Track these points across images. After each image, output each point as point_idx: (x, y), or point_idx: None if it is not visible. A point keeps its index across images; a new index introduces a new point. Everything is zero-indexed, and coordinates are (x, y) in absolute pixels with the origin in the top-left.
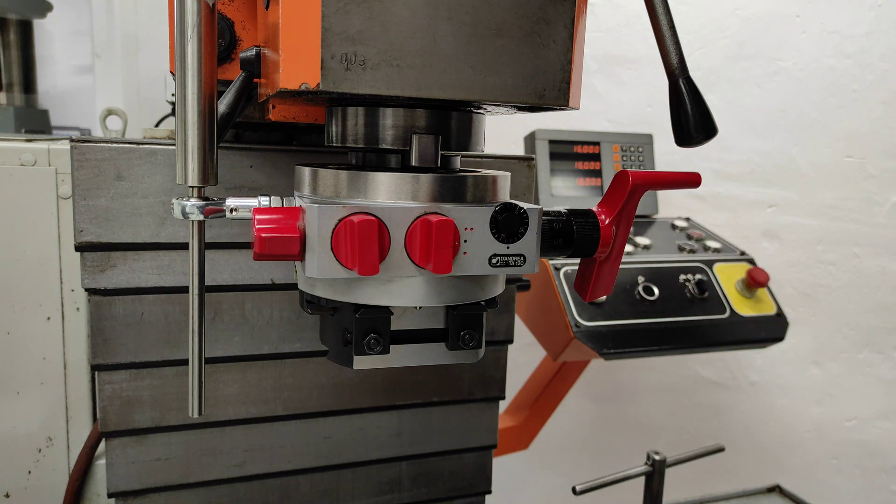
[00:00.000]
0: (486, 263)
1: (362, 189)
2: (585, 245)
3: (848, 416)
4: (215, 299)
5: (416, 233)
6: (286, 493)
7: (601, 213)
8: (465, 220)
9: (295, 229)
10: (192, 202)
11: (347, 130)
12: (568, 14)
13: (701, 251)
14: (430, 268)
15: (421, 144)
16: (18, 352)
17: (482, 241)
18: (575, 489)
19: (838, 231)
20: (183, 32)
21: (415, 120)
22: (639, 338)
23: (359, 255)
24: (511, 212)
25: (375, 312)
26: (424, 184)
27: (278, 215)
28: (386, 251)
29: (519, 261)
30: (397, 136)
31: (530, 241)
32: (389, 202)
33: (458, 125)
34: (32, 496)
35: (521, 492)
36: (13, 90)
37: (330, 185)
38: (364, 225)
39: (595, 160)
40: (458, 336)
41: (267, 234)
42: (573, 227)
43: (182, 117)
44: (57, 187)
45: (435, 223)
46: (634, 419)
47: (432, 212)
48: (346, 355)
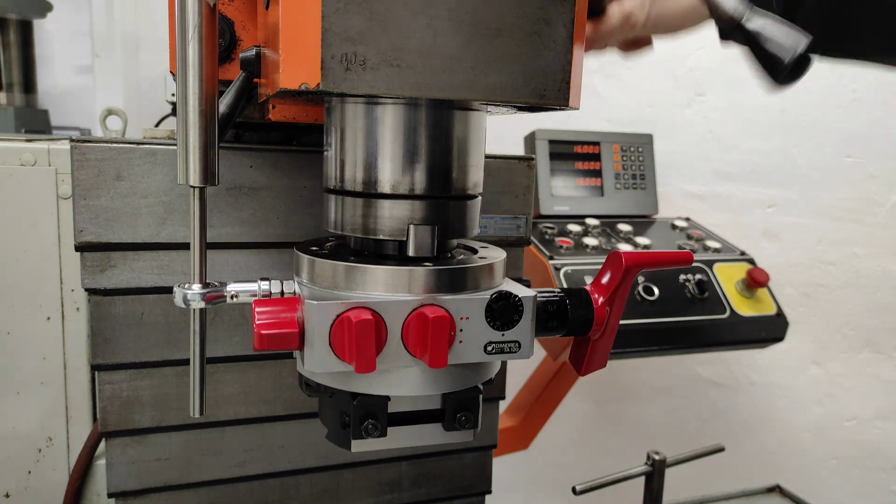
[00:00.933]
0: (482, 351)
1: (359, 281)
2: (580, 326)
3: (848, 416)
4: None
5: (413, 326)
6: (286, 493)
7: (595, 293)
8: (460, 310)
9: (294, 324)
10: (195, 290)
11: (345, 220)
12: (568, 14)
13: (701, 251)
14: (425, 360)
15: (418, 236)
16: (18, 352)
17: (478, 329)
18: (575, 489)
19: (838, 231)
20: (184, 32)
21: (412, 211)
22: (639, 338)
23: (356, 354)
24: (506, 300)
25: (373, 400)
26: (420, 277)
27: (277, 307)
28: (383, 344)
29: (514, 347)
30: (394, 227)
31: (525, 328)
32: (386, 295)
33: (455, 214)
34: (32, 496)
35: (521, 492)
36: (13, 90)
37: (328, 276)
38: (361, 325)
39: (595, 160)
40: (455, 418)
41: (266, 332)
42: (567, 308)
43: (183, 117)
44: (57, 187)
45: (431, 319)
46: (634, 419)
47: (428, 303)
48: (344, 438)
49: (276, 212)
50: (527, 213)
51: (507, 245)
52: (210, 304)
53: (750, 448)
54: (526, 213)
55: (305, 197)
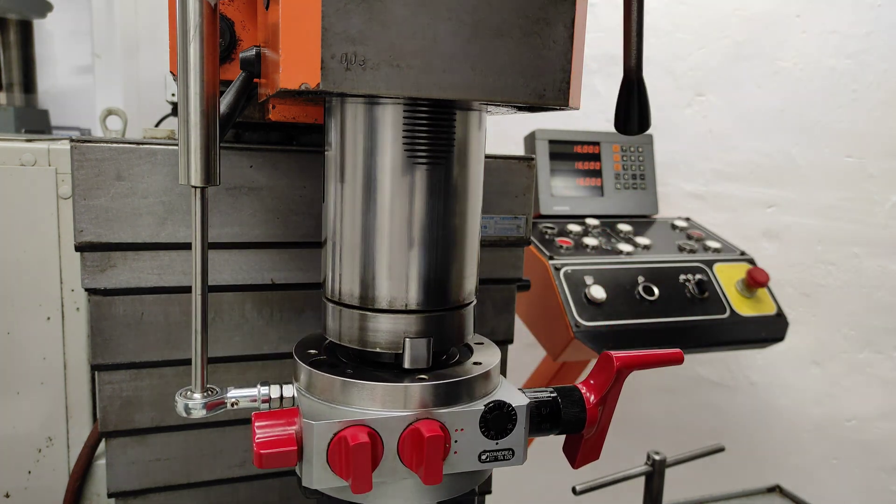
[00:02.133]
0: (476, 460)
1: (356, 397)
2: (572, 426)
3: (848, 416)
4: (216, 299)
5: (408, 442)
6: (286, 492)
7: (587, 392)
8: (455, 423)
9: (292, 441)
10: (196, 399)
11: (343, 330)
12: (568, 14)
13: (701, 251)
14: (420, 475)
15: (413, 349)
16: (18, 352)
17: (472, 439)
18: (575, 489)
19: (838, 231)
20: (185, 32)
21: (408, 325)
22: (639, 338)
23: (353, 475)
24: (500, 410)
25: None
26: (416, 393)
27: (276, 422)
28: (379, 458)
29: (508, 455)
30: (390, 340)
31: (519, 435)
32: (382, 411)
33: (450, 324)
34: (32, 496)
35: (521, 492)
36: (13, 90)
37: (326, 390)
38: (357, 448)
39: (595, 160)
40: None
41: (266, 451)
42: (560, 409)
43: (184, 117)
44: (57, 187)
45: (426, 438)
46: (634, 419)
47: (424, 417)
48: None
49: (276, 212)
50: (527, 213)
51: (507, 245)
52: (210, 412)
53: (750, 448)
54: (526, 213)
55: (305, 197)
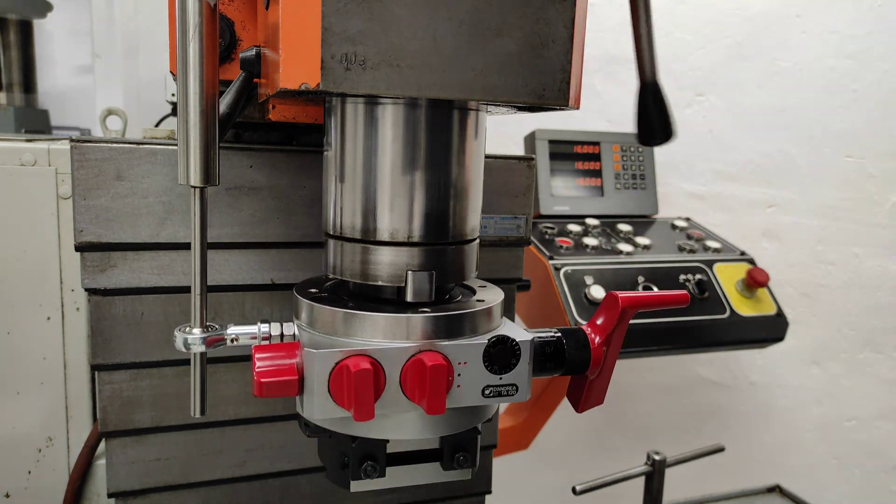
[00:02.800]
0: (479, 395)
1: (358, 328)
2: (577, 366)
3: (848, 416)
4: (215, 299)
5: (411, 373)
6: (286, 492)
7: (591, 333)
8: (458, 356)
9: (293, 371)
10: (195, 334)
11: (345, 265)
12: (568, 14)
13: (701, 251)
14: (423, 406)
15: (416, 282)
16: (18, 352)
17: (475, 373)
18: (575, 489)
19: (838, 231)
20: (185, 32)
21: (410, 258)
22: (639, 338)
23: (355, 402)
24: (503, 345)
25: (372, 442)
26: (418, 324)
27: (277, 353)
28: (381, 390)
29: (511, 390)
30: (393, 273)
31: (522, 371)
32: (385, 343)
33: (453, 259)
34: (32, 496)
35: (521, 492)
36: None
37: (327, 322)
38: (360, 374)
39: (595, 160)
40: (453, 458)
41: (266, 380)
42: (564, 349)
43: (184, 117)
44: (57, 187)
45: (429, 367)
46: (634, 419)
47: (427, 349)
48: (343, 478)
49: (276, 212)
50: (527, 213)
51: (507, 245)
52: (210, 347)
53: (750, 448)
54: (526, 213)
55: (305, 197)
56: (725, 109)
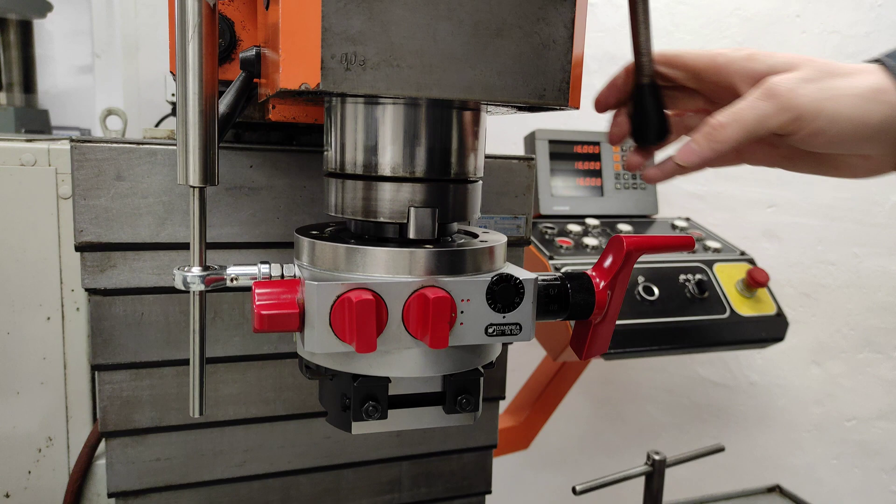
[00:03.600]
0: (483, 333)
1: (360, 263)
2: (581, 309)
3: (848, 416)
4: (215, 299)
5: (413, 307)
6: (286, 492)
7: (596, 277)
8: (461, 292)
9: (294, 305)
10: (194, 272)
11: (346, 202)
12: (568, 14)
13: (701, 251)
14: (426, 341)
15: (418, 218)
16: (18, 352)
17: (478, 311)
18: (575, 489)
19: (838, 231)
20: (184, 32)
21: (412, 194)
22: (639, 338)
23: (357, 333)
24: (507, 282)
25: (373, 381)
26: (421, 259)
27: (278, 289)
28: (383, 325)
29: (515, 329)
30: (394, 209)
31: (526, 310)
32: (387, 277)
33: (456, 197)
34: (32, 496)
35: (521, 492)
36: (13, 90)
37: (328, 259)
38: (362, 304)
39: (595, 160)
40: (456, 400)
41: (266, 312)
42: (568, 292)
43: (183, 117)
44: (57, 187)
45: (432, 300)
46: (634, 419)
47: (429, 285)
48: (344, 420)
49: (276, 212)
50: (527, 213)
51: (507, 245)
52: (210, 286)
53: (750, 448)
54: (526, 213)
55: (305, 197)
56: None
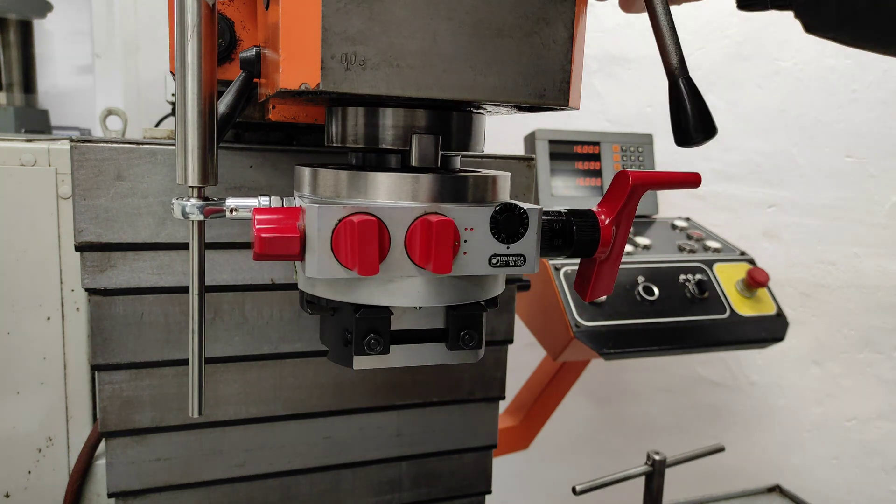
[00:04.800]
0: (486, 263)
1: (362, 189)
2: (585, 245)
3: (848, 416)
4: (215, 299)
5: (416, 233)
6: (286, 492)
7: (601, 213)
8: (464, 220)
9: (295, 229)
10: (192, 202)
11: (347, 130)
12: (568, 14)
13: (701, 251)
14: (429, 268)
15: (421, 144)
16: (18, 352)
17: (482, 241)
18: (575, 489)
19: (838, 231)
20: (183, 32)
21: (415, 120)
22: (639, 338)
23: (359, 256)
24: (511, 212)
25: (375, 312)
26: (424, 184)
27: (278, 215)
28: (386, 251)
29: (519, 261)
30: (397, 136)
31: (530, 241)
32: (389, 202)
33: (459, 125)
34: (32, 496)
35: (521, 492)
36: (13, 90)
37: (330, 185)
38: (364, 225)
39: (595, 160)
40: (458, 336)
41: (267, 234)
42: (573, 227)
43: (182, 117)
44: (57, 187)
45: (435, 223)
46: (634, 419)
47: (432, 212)
48: (346, 355)
49: None
50: None
51: None
52: (209, 217)
53: (750, 448)
54: None
55: None
56: (725, 109)
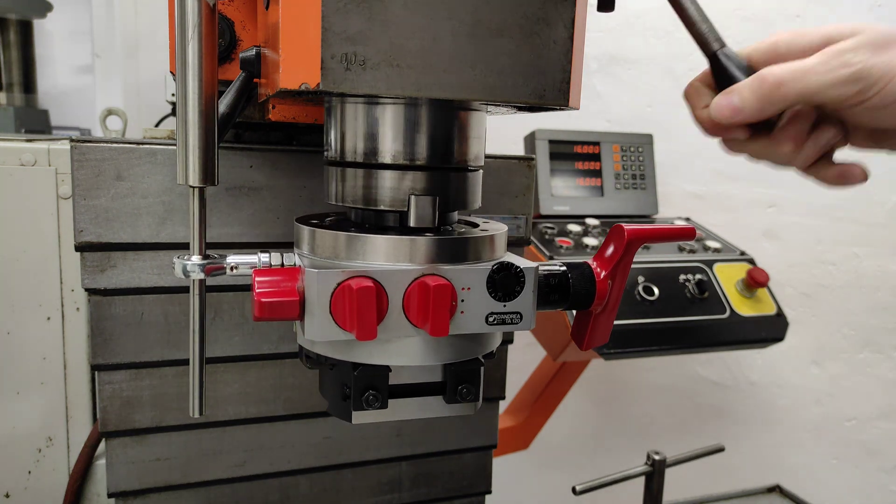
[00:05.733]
0: (483, 322)
1: (360, 251)
2: (582, 299)
3: (848, 416)
4: (215, 299)
5: (414, 295)
6: (286, 493)
7: (597, 267)
8: (462, 280)
9: (294, 292)
10: (194, 260)
11: (346, 191)
12: (568, 14)
13: (701, 251)
14: (427, 329)
15: (418, 206)
16: (18, 352)
17: (479, 299)
18: (575, 489)
19: (838, 231)
20: (183, 32)
21: (414, 182)
22: (639, 338)
23: (357, 320)
24: (508, 271)
25: (374, 370)
26: (422, 246)
27: (278, 277)
28: (384, 313)
29: (515, 318)
30: (395, 197)
31: (527, 299)
32: (387, 265)
33: (456, 185)
34: (32, 496)
35: (521, 492)
36: (13, 90)
37: (329, 247)
38: (362, 291)
39: (595, 160)
40: (456, 391)
41: (267, 299)
42: (569, 281)
43: (182, 117)
44: (57, 187)
45: (433, 287)
46: (635, 419)
47: (430, 273)
48: (344, 410)
49: (276, 212)
50: (527, 213)
51: (508, 245)
52: (209, 275)
53: (750, 448)
54: (526, 213)
55: (305, 197)
56: None
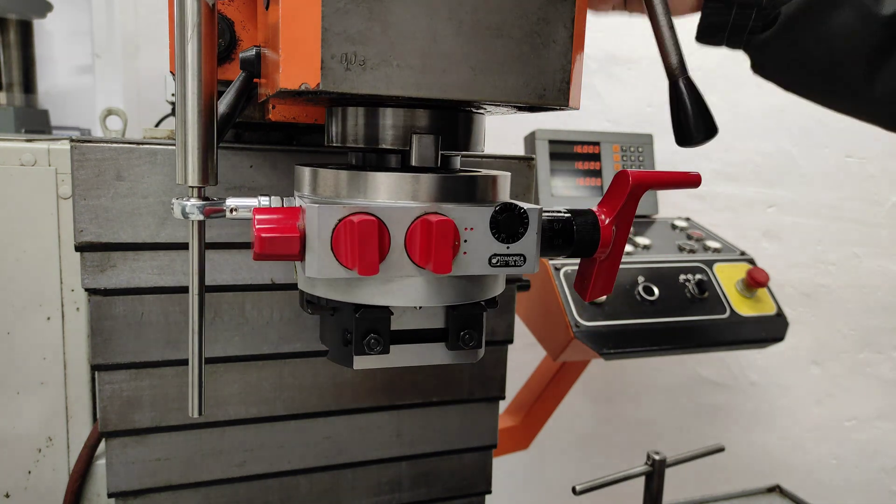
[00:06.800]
0: (486, 263)
1: (362, 189)
2: (585, 245)
3: (848, 416)
4: (215, 299)
5: (416, 233)
6: (286, 493)
7: (601, 213)
8: (465, 220)
9: (295, 229)
10: (192, 202)
11: (347, 130)
12: (568, 14)
13: (701, 251)
14: (429, 267)
15: (421, 145)
16: (18, 352)
17: (482, 241)
18: (575, 489)
19: (838, 231)
20: (183, 32)
21: (415, 120)
22: (639, 338)
23: (359, 255)
24: (511, 212)
25: (375, 312)
26: (424, 184)
27: (278, 215)
28: (386, 251)
29: (519, 261)
30: (397, 136)
31: (530, 241)
32: (389, 202)
33: (459, 125)
34: (32, 496)
35: (521, 492)
36: (13, 90)
37: (330, 185)
38: (364, 225)
39: (595, 160)
40: (458, 336)
41: (267, 234)
42: (573, 227)
43: (182, 117)
44: (57, 187)
45: (435, 223)
46: (634, 419)
47: (432, 211)
48: (346, 355)
49: None
50: None
51: None
52: (209, 217)
53: (750, 448)
54: None
55: None
56: (725, 109)
